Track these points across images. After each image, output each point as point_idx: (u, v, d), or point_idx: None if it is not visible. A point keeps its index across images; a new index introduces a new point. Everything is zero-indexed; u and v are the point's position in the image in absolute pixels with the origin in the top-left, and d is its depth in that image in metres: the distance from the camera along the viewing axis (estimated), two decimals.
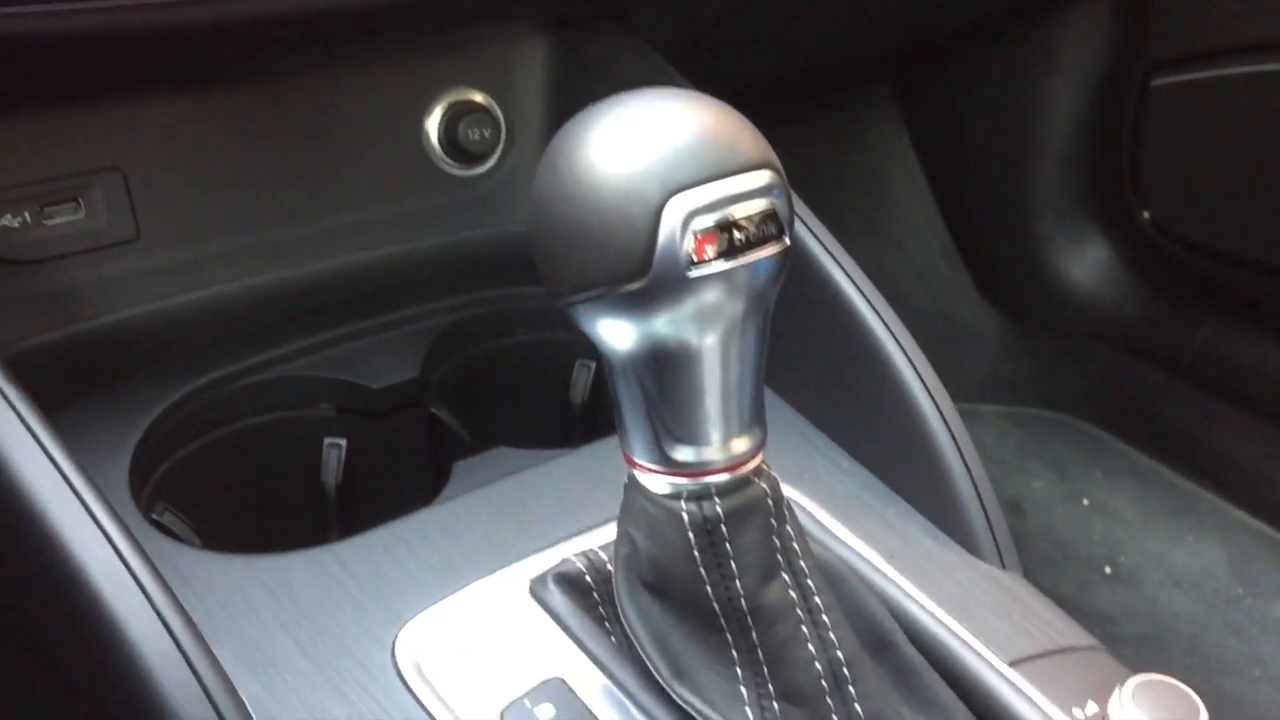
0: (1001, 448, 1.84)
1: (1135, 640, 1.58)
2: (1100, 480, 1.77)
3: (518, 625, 0.67)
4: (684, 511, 0.60)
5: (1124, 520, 1.71)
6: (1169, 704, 0.66)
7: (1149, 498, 1.73)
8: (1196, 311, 1.71)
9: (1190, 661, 1.53)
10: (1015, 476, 1.79)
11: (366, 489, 0.91)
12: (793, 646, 0.62)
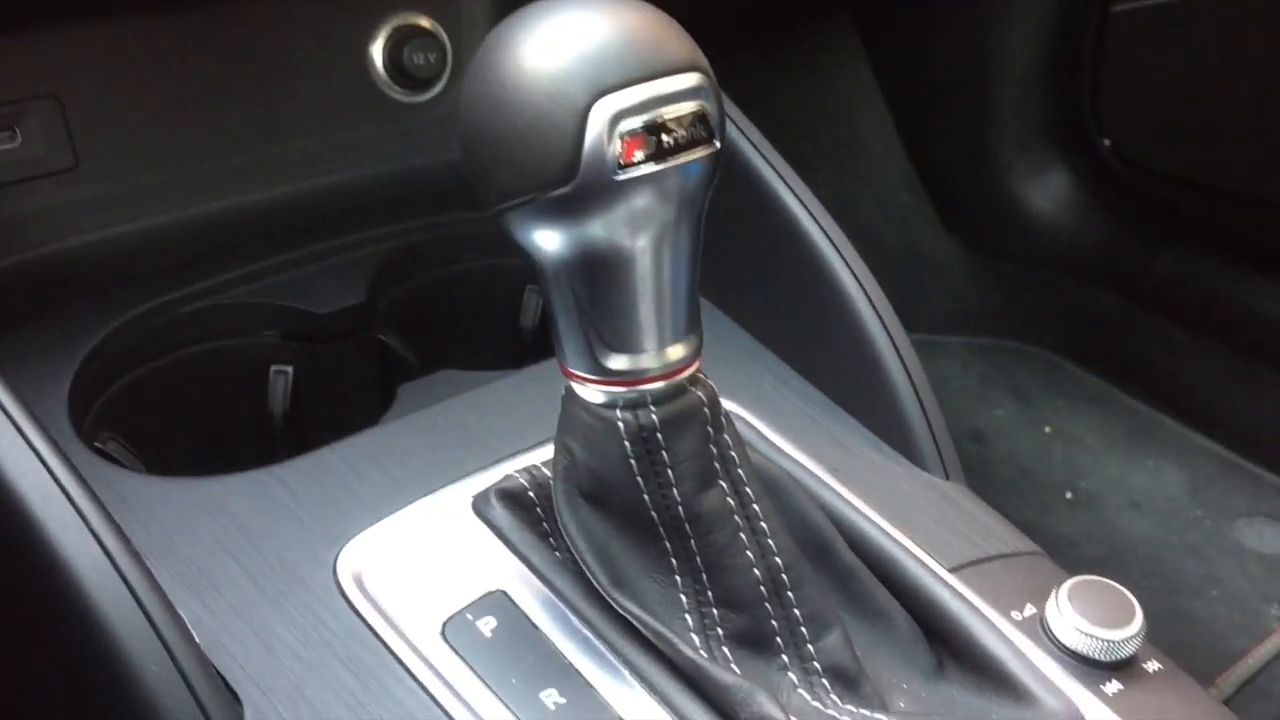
0: (965, 378, 1.85)
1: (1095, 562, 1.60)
2: (1062, 407, 1.79)
3: (460, 541, 0.68)
4: (620, 420, 0.60)
5: (1085, 446, 1.73)
6: (1104, 603, 0.67)
7: (1109, 424, 1.75)
8: (1157, 238, 1.71)
9: (1149, 583, 1.56)
10: (978, 406, 1.80)
11: (315, 416, 0.90)
12: (731, 553, 0.62)
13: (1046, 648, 0.66)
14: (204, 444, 0.87)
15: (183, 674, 0.60)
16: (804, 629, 0.63)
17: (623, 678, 0.62)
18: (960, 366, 1.86)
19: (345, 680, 0.61)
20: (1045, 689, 0.63)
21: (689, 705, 0.60)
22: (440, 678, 0.61)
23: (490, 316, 0.98)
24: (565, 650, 0.63)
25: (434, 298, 0.97)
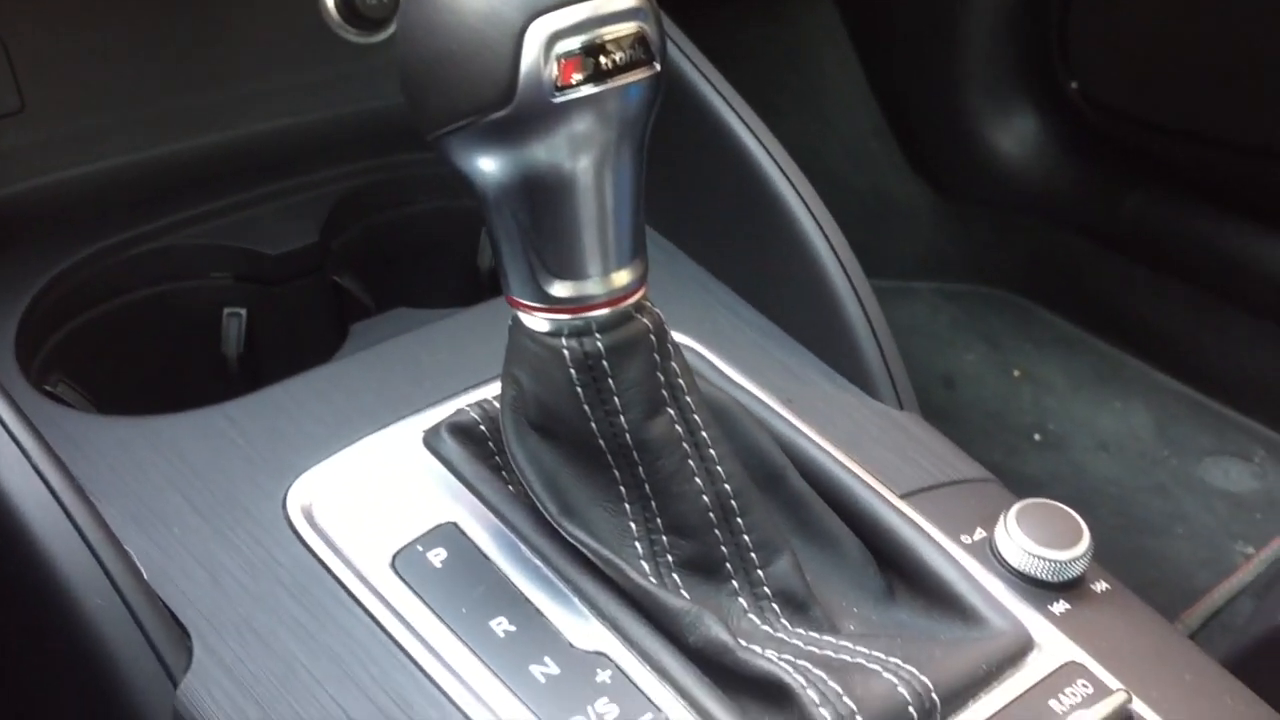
0: (934, 323, 1.85)
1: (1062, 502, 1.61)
2: (1030, 351, 1.79)
3: (411, 476, 0.67)
4: (565, 348, 0.60)
5: (1053, 389, 1.73)
6: (1052, 525, 0.67)
7: (1077, 366, 1.76)
8: (1124, 181, 1.71)
9: (1116, 521, 1.57)
10: (947, 351, 1.80)
11: (269, 358, 0.90)
12: (679, 480, 0.62)
13: (995, 570, 0.67)
14: (158, 388, 0.86)
15: (129, 607, 0.60)
16: (753, 555, 0.63)
17: (572, 605, 0.62)
18: (929, 312, 1.86)
19: (294, 611, 0.61)
20: (993, 609, 0.64)
21: (638, 630, 0.60)
22: (389, 608, 0.61)
23: (446, 258, 0.97)
24: (515, 579, 0.63)
25: (389, 239, 0.97)
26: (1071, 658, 0.62)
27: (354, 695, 0.58)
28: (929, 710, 0.58)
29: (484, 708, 0.57)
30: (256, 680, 0.59)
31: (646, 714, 0.58)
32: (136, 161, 0.90)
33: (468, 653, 0.59)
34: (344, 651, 0.59)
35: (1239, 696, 0.64)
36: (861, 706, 0.56)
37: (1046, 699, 0.60)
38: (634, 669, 0.59)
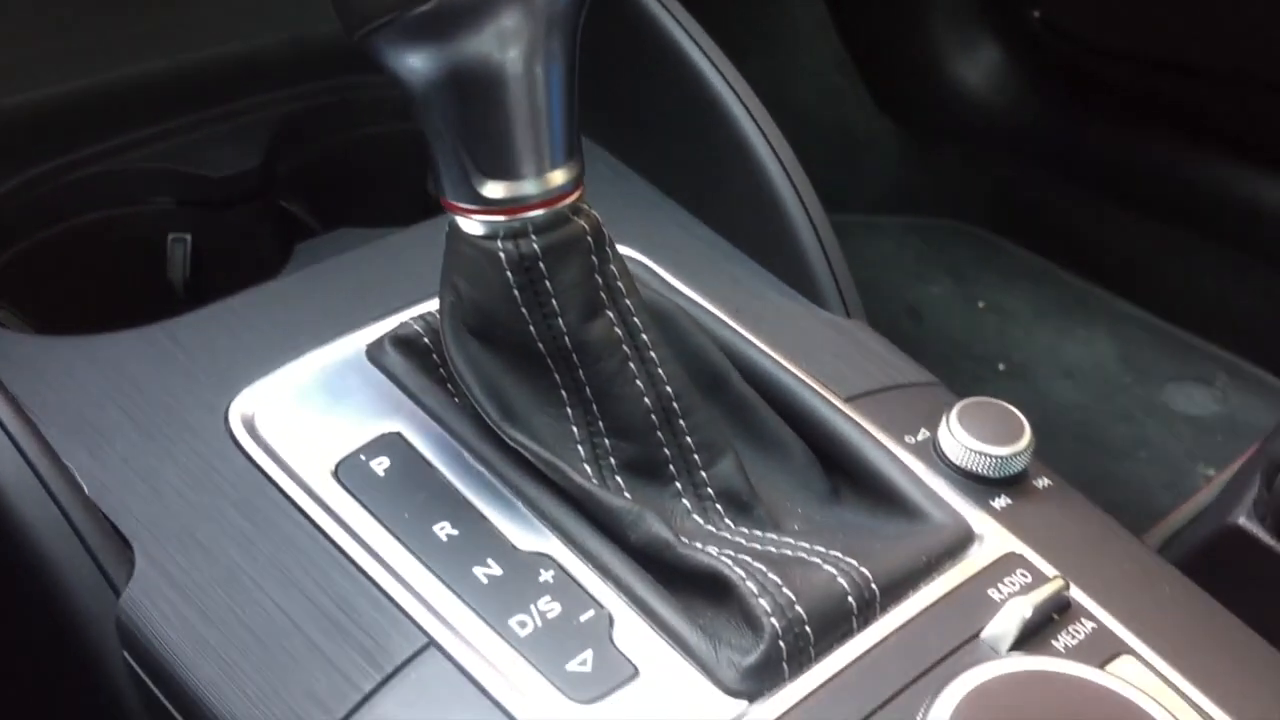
0: (900, 256, 1.85)
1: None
2: (996, 283, 1.80)
3: (355, 389, 0.67)
4: (501, 251, 0.59)
5: (1018, 319, 1.74)
6: (994, 422, 0.67)
7: (1042, 297, 1.76)
8: (1088, 112, 1.71)
9: (1079, 447, 1.58)
10: (914, 284, 1.81)
11: (217, 285, 0.89)
12: (619, 382, 0.62)
13: (938, 468, 0.67)
14: (103, 315, 0.85)
15: (69, 520, 0.60)
16: (696, 456, 0.64)
17: (515, 509, 0.62)
18: (896, 246, 1.86)
19: (236, 521, 0.61)
20: (935, 505, 0.64)
21: (580, 530, 0.60)
22: (332, 515, 0.61)
23: (395, 183, 0.97)
24: (458, 485, 0.63)
25: (336, 164, 0.96)
26: (1011, 549, 0.63)
27: (296, 599, 0.58)
28: (868, 600, 0.59)
29: (425, 608, 0.57)
30: (199, 588, 0.59)
31: (589, 611, 0.58)
32: (75, 89, 0.89)
33: (410, 557, 0.59)
34: (286, 558, 0.59)
35: (1177, 584, 0.65)
36: (800, 596, 0.57)
37: (986, 588, 0.61)
38: (576, 568, 0.60)
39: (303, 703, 0.55)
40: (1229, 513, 0.86)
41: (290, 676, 0.55)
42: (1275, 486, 0.81)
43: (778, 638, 0.56)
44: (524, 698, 0.55)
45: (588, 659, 0.56)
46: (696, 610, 0.58)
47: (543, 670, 0.56)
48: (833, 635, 0.58)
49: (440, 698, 0.55)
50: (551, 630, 0.57)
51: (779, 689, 0.56)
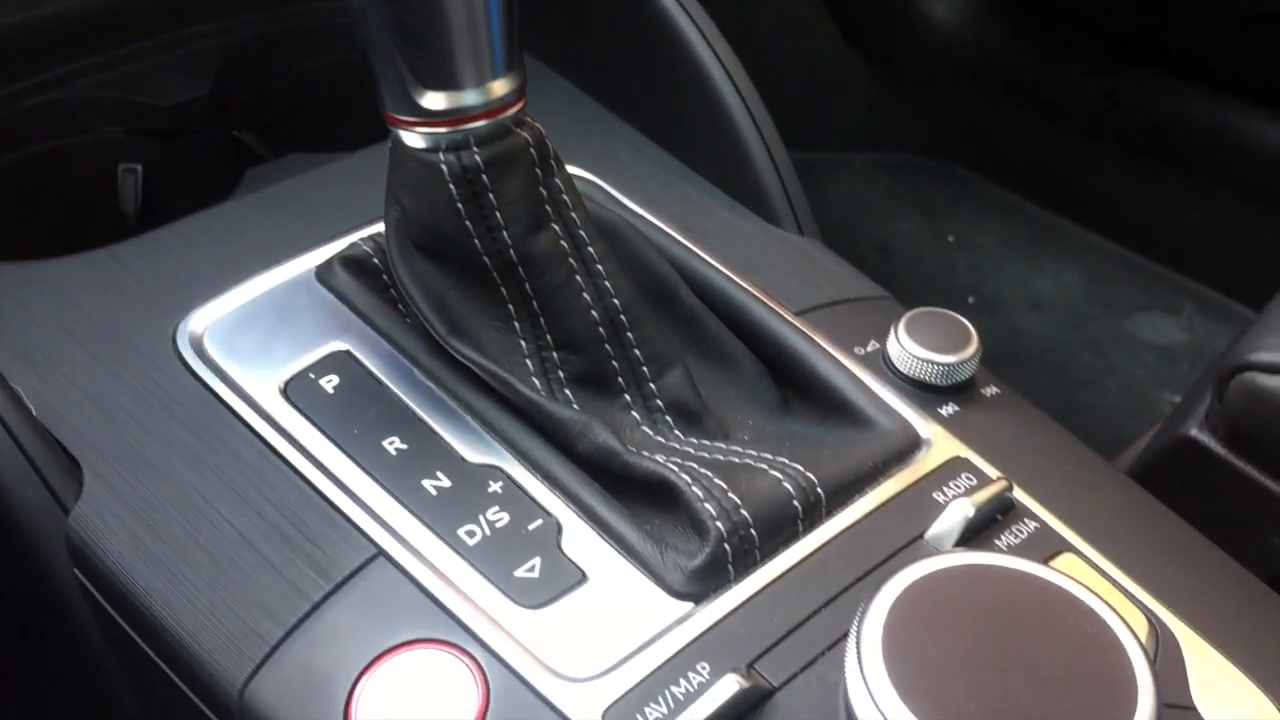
0: (870, 193, 1.85)
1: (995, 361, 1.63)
2: (965, 217, 1.80)
3: (304, 309, 0.67)
4: (443, 163, 0.59)
5: (987, 253, 1.74)
6: (942, 331, 0.68)
7: (1012, 230, 1.77)
8: (1055, 45, 1.71)
9: (1048, 377, 1.59)
10: (884, 220, 1.81)
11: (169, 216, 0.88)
12: (566, 294, 0.62)
13: (887, 378, 0.67)
14: (55, 247, 0.84)
15: (17, 442, 0.60)
16: (645, 368, 0.64)
17: (465, 423, 0.62)
18: (866, 183, 1.86)
19: (185, 440, 0.61)
20: (882, 413, 0.65)
21: (529, 442, 0.61)
22: (281, 432, 0.61)
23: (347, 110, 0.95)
24: (408, 401, 0.63)
25: (287, 92, 0.95)
26: (957, 454, 0.64)
27: (246, 514, 0.58)
28: (813, 504, 0.59)
29: (374, 520, 0.58)
30: (148, 505, 0.59)
31: (537, 520, 0.58)
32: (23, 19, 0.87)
33: (359, 471, 0.60)
34: (236, 474, 0.60)
35: (1121, 486, 0.66)
36: (745, 500, 0.57)
37: (931, 492, 0.61)
38: (525, 479, 0.60)
39: (252, 613, 0.55)
40: (1181, 425, 0.87)
41: (239, 588, 0.56)
42: (1226, 397, 0.82)
43: (723, 541, 0.56)
44: (472, 604, 0.55)
45: (536, 566, 0.57)
46: (643, 517, 0.59)
47: (491, 577, 0.56)
48: (778, 538, 0.58)
49: (389, 606, 0.55)
50: (500, 539, 0.58)
51: (725, 590, 0.56)
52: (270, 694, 0.53)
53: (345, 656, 0.54)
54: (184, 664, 0.55)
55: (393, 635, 0.54)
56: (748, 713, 0.52)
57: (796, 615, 0.56)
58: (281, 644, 0.54)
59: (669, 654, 0.54)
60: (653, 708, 0.52)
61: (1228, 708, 0.54)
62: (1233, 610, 0.59)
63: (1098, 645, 0.50)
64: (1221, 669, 0.56)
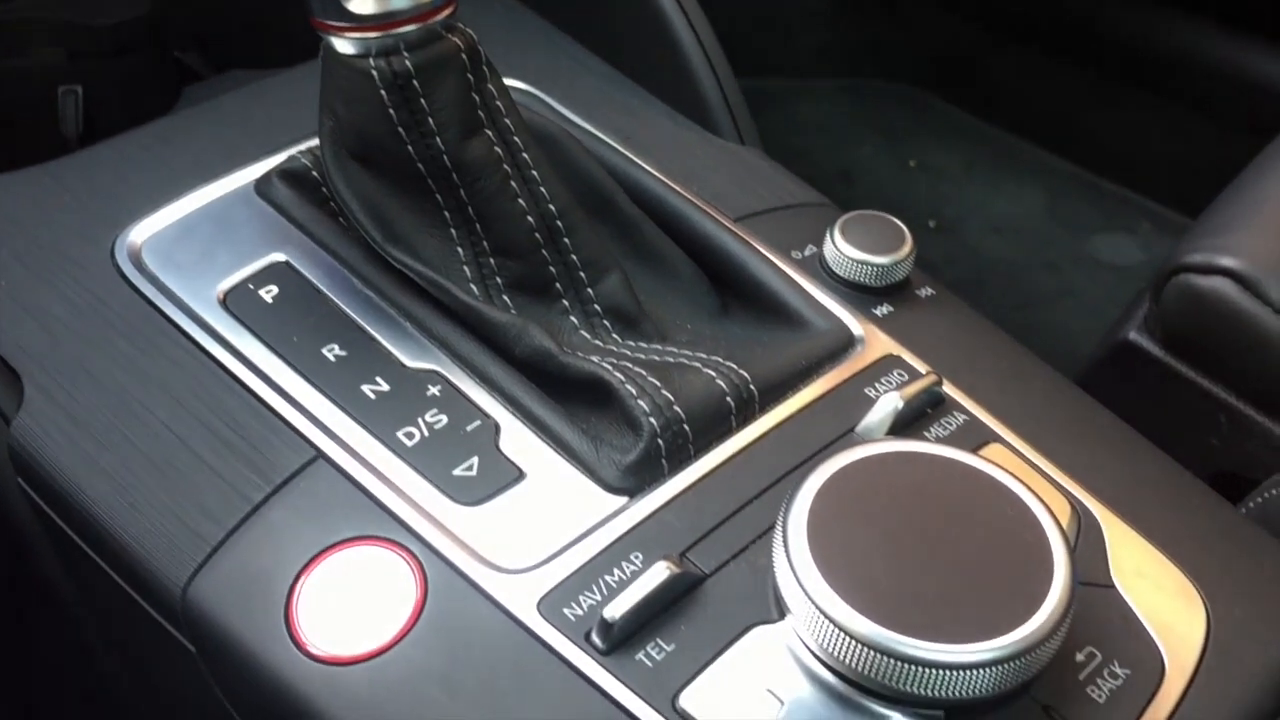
0: (832, 119, 1.85)
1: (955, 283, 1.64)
2: (927, 141, 1.80)
3: (243, 222, 0.67)
4: (374, 69, 0.59)
5: (948, 176, 1.75)
6: (876, 233, 0.69)
7: (973, 153, 1.77)
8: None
9: (1008, 298, 1.61)
10: (845, 145, 1.80)
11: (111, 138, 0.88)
12: (501, 200, 0.63)
13: (824, 281, 0.68)
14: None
15: None
16: (582, 273, 0.64)
17: (403, 329, 0.63)
18: (828, 109, 1.86)
19: (125, 350, 0.61)
20: (817, 313, 0.66)
21: (466, 346, 0.61)
22: (220, 341, 0.61)
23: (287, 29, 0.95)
24: (347, 309, 0.63)
25: (227, 10, 0.94)
26: (890, 351, 0.65)
27: (185, 420, 0.59)
28: (746, 400, 0.60)
29: (313, 424, 0.58)
30: (89, 413, 0.59)
31: (475, 421, 0.59)
32: None
33: (298, 377, 0.60)
34: (176, 382, 0.60)
35: (1050, 381, 0.67)
36: (678, 397, 0.58)
37: (863, 388, 0.63)
38: (463, 382, 0.61)
39: (193, 515, 0.56)
40: (1121, 330, 0.89)
41: (180, 491, 0.57)
42: (1162, 300, 0.83)
43: (656, 436, 0.57)
44: (410, 502, 0.56)
45: (473, 465, 0.58)
46: (580, 416, 0.60)
47: (429, 476, 0.57)
48: (711, 434, 0.59)
49: (328, 506, 0.56)
50: (438, 440, 0.58)
51: (659, 485, 0.57)
52: (212, 593, 0.54)
53: (285, 555, 0.55)
54: (127, 566, 0.56)
55: (332, 534, 0.55)
56: (680, 598, 0.53)
57: (728, 506, 0.57)
58: (222, 544, 0.55)
59: (603, 545, 0.55)
60: (586, 596, 0.53)
61: (1146, 586, 0.56)
62: (1156, 497, 0.61)
63: (1017, 526, 0.52)
64: (1142, 551, 0.57)
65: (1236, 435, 0.82)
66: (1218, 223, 0.83)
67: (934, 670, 0.48)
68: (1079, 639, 0.53)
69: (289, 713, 0.52)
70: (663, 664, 0.52)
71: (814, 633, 0.49)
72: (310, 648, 0.52)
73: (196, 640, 0.55)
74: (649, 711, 0.50)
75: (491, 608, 0.53)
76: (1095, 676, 0.52)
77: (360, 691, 0.52)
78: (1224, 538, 0.60)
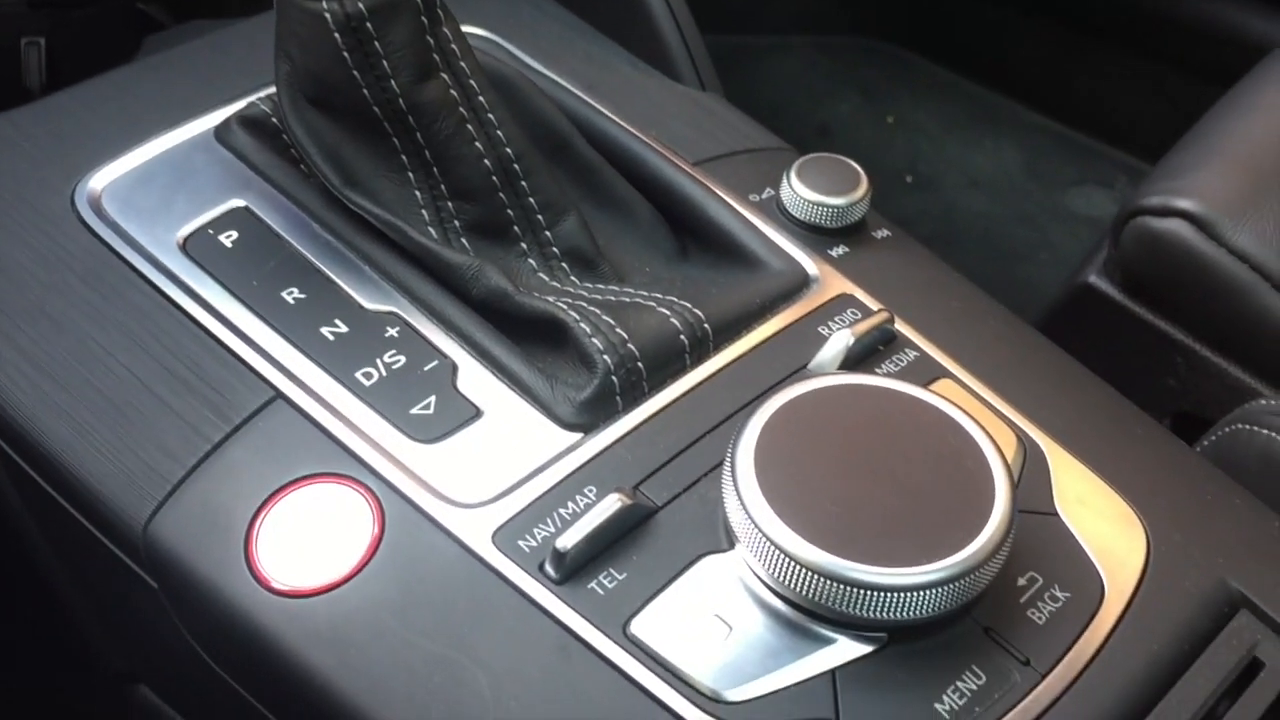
0: (810, 76, 1.85)
1: (931, 238, 1.65)
2: (905, 98, 1.80)
3: (203, 169, 0.67)
4: (326, 11, 0.59)
5: (926, 132, 1.75)
6: (833, 175, 0.69)
7: (951, 110, 1.77)
8: None
9: (983, 252, 1.62)
10: (824, 102, 1.81)
11: None
12: (458, 143, 0.63)
13: (781, 223, 0.69)
14: None
15: None
16: (539, 216, 0.65)
17: (363, 273, 0.63)
18: (806, 66, 1.85)
19: (85, 295, 0.62)
20: (773, 254, 0.67)
21: (424, 287, 0.62)
22: (179, 285, 0.62)
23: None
24: (307, 254, 0.64)
25: None
26: (844, 291, 0.65)
27: (146, 362, 0.59)
28: (700, 338, 0.61)
29: (272, 365, 0.59)
30: (50, 357, 0.60)
31: (432, 361, 0.60)
32: None
33: (257, 320, 0.61)
34: (136, 326, 0.61)
35: (1003, 320, 0.68)
36: (633, 335, 0.59)
37: (816, 326, 0.63)
38: (421, 323, 0.62)
39: (154, 454, 0.57)
40: (1081, 274, 0.90)
41: (141, 432, 0.57)
42: (1120, 243, 0.84)
43: (610, 373, 0.58)
44: (368, 440, 0.57)
45: (431, 403, 0.59)
46: (536, 355, 0.61)
47: (386, 415, 0.58)
48: (665, 371, 0.60)
49: (287, 444, 0.57)
50: (396, 379, 0.59)
51: (613, 421, 0.58)
52: (173, 529, 0.55)
53: (245, 492, 0.56)
54: (90, 506, 0.57)
55: (290, 471, 0.56)
56: (632, 530, 0.54)
57: (681, 441, 0.58)
58: (183, 482, 0.56)
59: (557, 480, 0.56)
60: (540, 528, 0.54)
61: (1088, 514, 0.57)
62: (1101, 429, 0.62)
63: (960, 456, 0.53)
64: (1086, 480, 0.59)
65: (1194, 376, 0.83)
66: (1175, 167, 0.84)
67: (876, 593, 0.49)
68: (1021, 564, 0.54)
69: (249, 644, 0.53)
70: (614, 592, 0.53)
71: (760, 559, 0.51)
72: (270, 581, 0.53)
73: (158, 576, 0.56)
74: (600, 638, 0.52)
75: (447, 540, 0.54)
76: (1036, 600, 0.53)
77: (319, 623, 0.53)
78: (1167, 468, 0.61)
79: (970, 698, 0.50)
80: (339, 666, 0.52)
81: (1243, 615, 0.55)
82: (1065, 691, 0.51)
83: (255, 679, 0.56)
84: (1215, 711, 0.52)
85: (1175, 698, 0.52)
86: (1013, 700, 0.51)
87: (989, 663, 0.51)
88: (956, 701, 0.50)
